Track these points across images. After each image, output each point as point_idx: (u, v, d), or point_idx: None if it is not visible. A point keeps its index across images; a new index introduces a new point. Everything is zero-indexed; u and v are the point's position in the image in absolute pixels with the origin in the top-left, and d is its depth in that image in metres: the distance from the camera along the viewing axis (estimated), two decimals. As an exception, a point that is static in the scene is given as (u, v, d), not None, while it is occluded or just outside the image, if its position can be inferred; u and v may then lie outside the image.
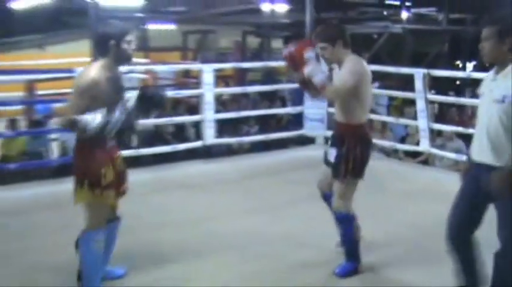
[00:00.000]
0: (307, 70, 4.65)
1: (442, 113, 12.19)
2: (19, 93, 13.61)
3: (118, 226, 4.79)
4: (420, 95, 8.57)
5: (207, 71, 8.76)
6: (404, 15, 21.24)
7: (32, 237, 5.91)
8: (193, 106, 12.41)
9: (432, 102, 9.12)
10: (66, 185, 7.42)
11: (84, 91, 4.23)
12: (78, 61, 12.48)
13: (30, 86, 13.06)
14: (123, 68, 4.71)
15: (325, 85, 4.66)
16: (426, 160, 9.50)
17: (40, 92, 13.86)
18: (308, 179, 7.26)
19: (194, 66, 13.28)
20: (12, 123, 10.71)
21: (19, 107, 12.79)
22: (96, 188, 4.39)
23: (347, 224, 4.95)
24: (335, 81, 4.79)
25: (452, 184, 7.74)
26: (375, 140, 9.87)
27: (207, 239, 5.85)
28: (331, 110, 9.76)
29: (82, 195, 4.42)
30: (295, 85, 6.61)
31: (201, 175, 8.24)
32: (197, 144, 9.00)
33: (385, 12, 22.56)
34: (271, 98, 13.46)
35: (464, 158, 8.72)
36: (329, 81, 4.75)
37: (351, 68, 4.74)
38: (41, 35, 21.37)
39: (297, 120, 10.50)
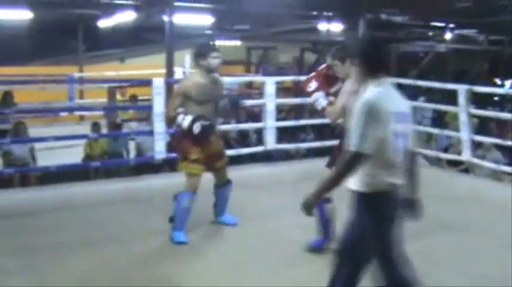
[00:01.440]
0: (311, 99, 5.23)
1: (482, 126, 11.94)
2: (103, 100, 13.83)
3: (228, 187, 6.05)
4: (463, 109, 8.40)
5: (270, 83, 8.71)
6: (448, 35, 20.96)
7: (111, 227, 5.99)
8: (254, 114, 12.43)
9: (474, 116, 8.93)
10: (142, 182, 7.57)
11: (178, 93, 5.64)
12: (154, 72, 12.61)
13: (111, 93, 13.23)
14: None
15: (325, 109, 5.10)
16: (467, 169, 9.31)
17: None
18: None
19: (258, 78, 13.29)
20: (95, 126, 10.85)
21: (102, 112, 12.99)
22: (186, 161, 5.59)
23: (320, 206, 5.12)
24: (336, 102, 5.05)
25: (489, 190, 7.68)
26: (420, 150, 9.80)
27: (263, 232, 5.86)
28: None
29: (180, 166, 5.69)
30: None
31: (262, 177, 8.20)
32: (259, 149, 8.98)
33: (430, 33, 22.28)
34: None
35: (502, 167, 8.61)
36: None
37: (346, 89, 4.85)
38: (122, 49, 21.72)
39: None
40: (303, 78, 11.55)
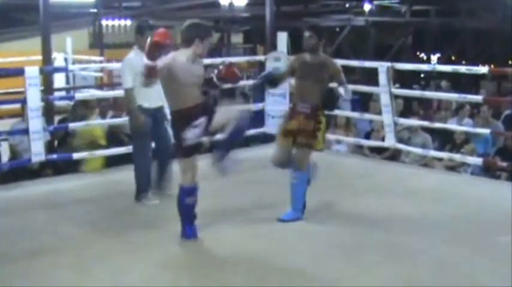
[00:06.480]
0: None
1: (406, 107, 12.17)
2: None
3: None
4: (384, 89, 8.54)
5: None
6: (367, 7, 21.32)
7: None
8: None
9: (397, 96, 9.11)
10: (17, 190, 7.33)
11: None
12: (28, 60, 12.28)
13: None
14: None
15: None
16: (393, 156, 9.45)
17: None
18: (268, 178, 7.19)
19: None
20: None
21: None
22: None
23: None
24: None
25: (418, 179, 7.85)
26: (338, 137, 9.91)
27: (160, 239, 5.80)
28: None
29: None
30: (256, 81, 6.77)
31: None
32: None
33: (347, 5, 22.62)
34: (231, 95, 13.36)
35: (431, 152, 8.81)
36: None
37: None
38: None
39: (258, 118, 10.42)
40: (203, 61, 11.55)
